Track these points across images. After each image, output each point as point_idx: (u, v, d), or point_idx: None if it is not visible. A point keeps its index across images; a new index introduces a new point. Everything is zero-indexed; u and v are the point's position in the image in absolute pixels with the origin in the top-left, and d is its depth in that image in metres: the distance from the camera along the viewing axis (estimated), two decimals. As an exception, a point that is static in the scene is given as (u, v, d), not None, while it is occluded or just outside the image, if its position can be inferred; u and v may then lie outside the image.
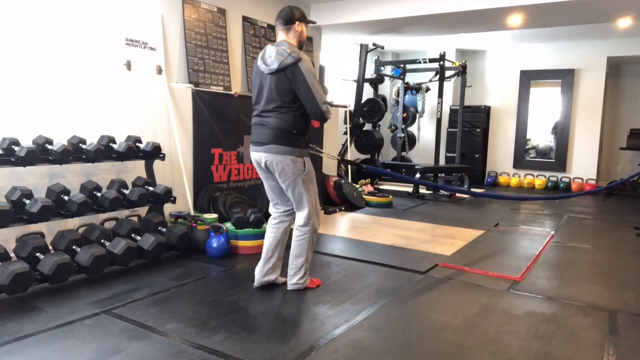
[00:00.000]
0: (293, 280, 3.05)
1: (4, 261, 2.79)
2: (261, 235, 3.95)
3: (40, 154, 3.26)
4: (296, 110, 2.85)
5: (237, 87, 5.44)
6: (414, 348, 2.33)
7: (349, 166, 7.46)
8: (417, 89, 8.86)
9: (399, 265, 3.67)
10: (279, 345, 2.32)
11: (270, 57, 2.83)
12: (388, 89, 10.00)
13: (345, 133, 7.38)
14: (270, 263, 3.09)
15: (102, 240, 3.34)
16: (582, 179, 8.65)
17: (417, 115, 9.00)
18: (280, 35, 2.94)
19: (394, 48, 9.53)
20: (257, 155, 2.95)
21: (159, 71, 4.42)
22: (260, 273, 3.08)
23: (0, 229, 3.00)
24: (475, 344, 2.39)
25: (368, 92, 8.61)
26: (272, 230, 3.13)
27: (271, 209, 3.15)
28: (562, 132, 8.82)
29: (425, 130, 9.51)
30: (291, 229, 3.11)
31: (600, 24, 6.69)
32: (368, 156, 8.45)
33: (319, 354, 2.23)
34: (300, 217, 3.00)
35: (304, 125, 2.91)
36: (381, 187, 8.05)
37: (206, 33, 5.01)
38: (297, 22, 2.91)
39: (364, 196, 6.43)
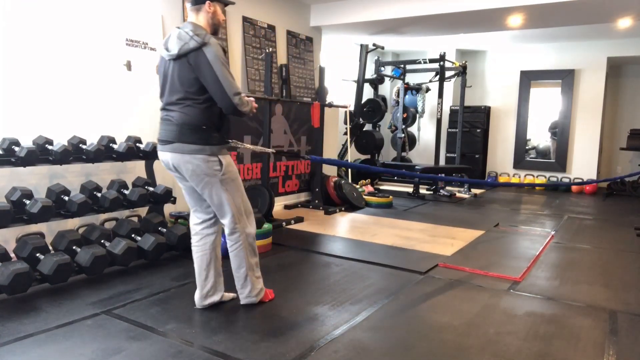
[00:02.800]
0: (244, 294, 2.76)
1: (4, 261, 2.79)
2: (262, 236, 3.97)
3: (40, 154, 3.26)
4: (203, 103, 2.49)
5: (237, 87, 5.43)
6: (414, 348, 2.33)
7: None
8: (417, 89, 8.86)
9: (399, 266, 3.67)
10: (279, 345, 2.31)
11: (172, 42, 2.47)
12: (388, 89, 10.00)
13: (346, 133, 7.38)
14: (208, 285, 2.74)
15: (102, 241, 3.34)
16: (582, 179, 8.65)
17: (417, 115, 9.00)
18: (190, 17, 2.56)
19: (394, 48, 9.53)
20: (164, 156, 2.58)
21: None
22: (200, 298, 2.74)
23: (1, 229, 3.00)
24: (475, 344, 2.39)
25: (368, 93, 8.61)
26: (196, 249, 2.74)
27: (191, 219, 2.78)
28: (562, 133, 8.82)
29: (425, 131, 9.51)
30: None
31: (600, 24, 6.69)
32: (368, 156, 8.45)
33: (318, 355, 2.23)
34: (226, 224, 2.64)
35: (215, 119, 2.55)
36: (381, 187, 8.05)
37: (206, 33, 5.00)
38: (207, 2, 2.54)
39: (364, 196, 6.43)
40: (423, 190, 7.73)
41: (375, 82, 8.51)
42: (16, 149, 3.15)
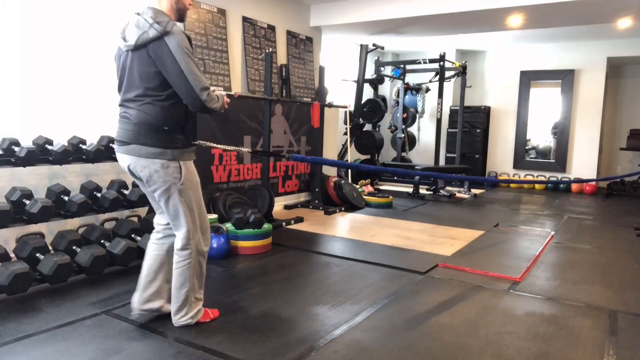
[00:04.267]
0: (178, 316, 2.45)
1: (4, 261, 2.79)
2: (262, 236, 3.97)
3: (40, 154, 3.26)
4: (166, 100, 2.24)
5: (237, 87, 5.44)
6: (414, 348, 2.33)
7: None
8: (417, 89, 8.86)
9: (399, 266, 3.67)
10: (279, 345, 2.31)
11: (130, 30, 2.22)
12: (388, 89, 10.00)
13: (345, 133, 7.38)
14: (153, 288, 2.48)
15: (102, 241, 3.34)
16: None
17: (417, 115, 9.00)
18: (152, 1, 2.29)
19: (394, 48, 9.53)
20: (120, 158, 2.34)
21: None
22: (138, 300, 2.47)
23: (0, 229, 3.00)
24: (475, 344, 2.39)
25: (368, 93, 8.61)
26: (154, 247, 2.51)
27: (155, 219, 2.56)
28: (562, 133, 8.82)
29: (425, 131, 9.51)
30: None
31: (600, 25, 6.70)
32: (368, 156, 8.45)
33: (318, 355, 2.23)
34: (178, 237, 2.39)
35: (180, 118, 2.30)
36: (381, 187, 8.05)
37: (206, 33, 5.01)
38: None
39: (364, 196, 6.43)
40: (423, 191, 7.73)
41: (375, 82, 8.51)
42: (16, 149, 3.15)
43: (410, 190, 7.64)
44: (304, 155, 5.57)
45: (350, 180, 6.89)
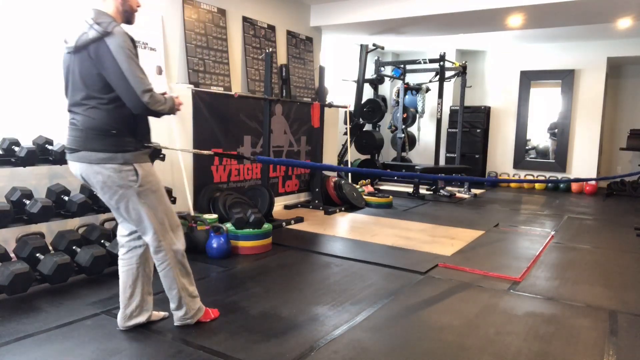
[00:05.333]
0: (178, 316, 2.47)
1: (4, 261, 2.79)
2: (262, 236, 3.97)
3: (41, 154, 3.26)
4: (110, 103, 2.16)
5: (237, 87, 5.44)
6: (414, 348, 2.33)
7: (349, 166, 7.45)
8: (417, 89, 8.86)
9: (399, 266, 3.67)
10: (279, 345, 2.31)
11: (71, 32, 2.16)
12: (388, 89, 9.99)
13: (345, 133, 7.38)
14: (134, 303, 2.41)
15: (102, 241, 3.34)
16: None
17: (417, 115, 9.00)
18: (97, 1, 2.22)
19: (394, 48, 9.53)
20: (72, 167, 2.27)
21: (159, 72, 4.42)
22: (123, 318, 2.41)
23: (0, 229, 3.00)
24: (475, 344, 2.39)
25: (368, 93, 8.61)
26: (122, 263, 2.43)
27: (118, 231, 2.48)
28: (562, 133, 8.82)
29: (425, 131, 9.50)
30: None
31: (600, 25, 6.69)
32: (368, 156, 8.45)
33: (318, 355, 2.23)
34: (149, 242, 2.33)
35: (128, 121, 2.21)
36: (381, 187, 8.05)
37: (206, 33, 5.01)
38: None
39: (364, 196, 6.43)
40: (423, 191, 7.73)
41: (375, 82, 8.51)
42: (16, 149, 3.15)
43: (410, 190, 7.64)
44: (270, 157, 5.49)
45: (350, 180, 6.90)
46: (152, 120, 2.38)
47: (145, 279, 2.45)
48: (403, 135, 8.56)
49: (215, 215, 4.30)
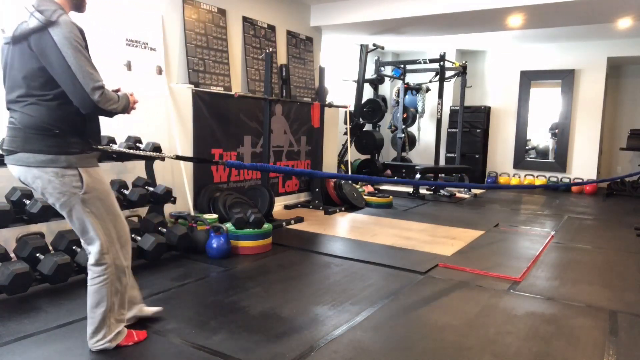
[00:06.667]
0: (94, 340, 2.16)
1: (4, 261, 2.79)
2: (262, 236, 3.97)
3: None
4: (53, 100, 1.96)
5: (237, 87, 5.44)
6: (414, 348, 2.33)
7: (349, 166, 7.46)
8: (417, 89, 8.86)
9: (399, 266, 3.67)
10: (279, 345, 2.32)
11: (10, 20, 1.95)
12: (388, 89, 10.00)
13: (346, 133, 7.39)
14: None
15: (102, 241, 3.34)
16: (582, 180, 8.65)
17: (417, 115, 9.00)
18: None
19: (394, 48, 9.53)
20: (12, 170, 2.07)
21: (159, 72, 4.42)
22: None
23: (1, 229, 3.01)
24: (475, 344, 2.39)
25: (368, 93, 8.61)
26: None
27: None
28: (562, 133, 8.82)
29: (425, 131, 9.51)
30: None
31: (601, 25, 6.69)
32: (368, 156, 8.45)
33: (318, 355, 2.23)
34: (92, 252, 2.12)
35: (74, 119, 2.01)
36: (381, 187, 8.05)
37: (206, 33, 5.01)
38: None
39: (364, 196, 6.43)
40: (423, 191, 7.73)
41: (375, 82, 8.51)
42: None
43: (410, 190, 7.64)
44: (242, 162, 5.36)
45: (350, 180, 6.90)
46: (151, 119, 2.37)
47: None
48: (403, 135, 8.57)
49: (215, 215, 4.30)
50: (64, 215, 2.09)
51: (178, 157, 2.61)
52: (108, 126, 3.95)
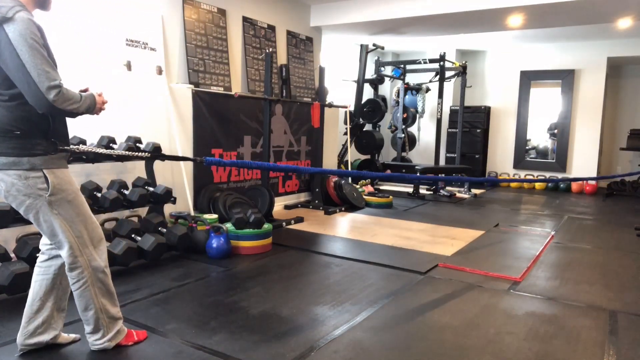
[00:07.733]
0: (93, 339, 2.18)
1: (4, 261, 2.79)
2: (262, 236, 3.97)
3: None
4: (11, 100, 1.90)
5: (237, 87, 5.44)
6: (414, 348, 2.33)
7: (349, 166, 7.46)
8: (417, 89, 8.86)
9: (399, 266, 3.67)
10: (279, 345, 2.32)
11: None
12: (388, 89, 9.99)
13: (346, 133, 7.39)
14: (40, 318, 2.13)
15: (102, 241, 3.34)
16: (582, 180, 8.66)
17: (417, 115, 9.00)
18: None
19: (394, 48, 9.53)
20: None
21: (159, 72, 4.42)
22: (22, 333, 2.12)
23: (1, 229, 3.01)
24: (475, 344, 2.39)
25: (368, 93, 8.61)
26: (38, 270, 2.16)
27: (41, 239, 2.20)
28: (562, 133, 8.82)
29: (425, 131, 9.51)
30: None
31: (601, 25, 6.69)
32: (368, 156, 8.45)
33: (318, 355, 2.23)
34: (64, 257, 2.06)
35: (38, 120, 1.94)
36: (381, 187, 8.05)
37: (206, 33, 5.01)
38: None
39: (364, 196, 6.43)
40: (423, 191, 7.73)
41: (375, 82, 8.51)
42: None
43: (410, 190, 7.64)
44: (220, 159, 5.26)
45: (350, 180, 6.90)
46: (151, 119, 2.35)
47: (60, 293, 2.18)
48: (403, 135, 8.56)
49: (215, 215, 4.30)
50: (30, 219, 2.02)
51: (153, 157, 2.41)
52: (108, 126, 3.96)
